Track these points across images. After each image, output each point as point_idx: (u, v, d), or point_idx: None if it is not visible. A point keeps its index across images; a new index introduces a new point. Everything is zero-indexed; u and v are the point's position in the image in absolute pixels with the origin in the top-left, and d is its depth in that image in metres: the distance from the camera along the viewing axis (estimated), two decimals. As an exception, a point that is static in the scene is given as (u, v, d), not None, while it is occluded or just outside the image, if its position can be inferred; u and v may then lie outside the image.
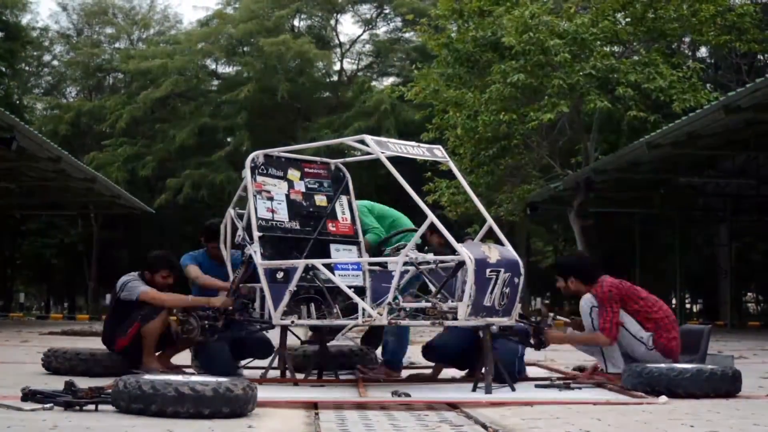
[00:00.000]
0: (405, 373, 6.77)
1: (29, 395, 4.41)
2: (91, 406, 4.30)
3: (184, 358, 6.93)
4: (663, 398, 5.03)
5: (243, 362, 6.89)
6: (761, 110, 13.67)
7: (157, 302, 6.51)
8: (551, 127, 19.79)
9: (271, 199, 6.39)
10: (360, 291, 6.22)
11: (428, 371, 6.74)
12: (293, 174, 6.62)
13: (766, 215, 25.52)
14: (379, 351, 7.00)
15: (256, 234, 6.13)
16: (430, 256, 5.78)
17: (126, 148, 32.61)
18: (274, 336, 6.54)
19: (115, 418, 4.08)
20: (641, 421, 4.26)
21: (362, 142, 6.01)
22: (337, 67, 36.23)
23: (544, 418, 4.34)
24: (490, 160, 20.23)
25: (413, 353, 7.34)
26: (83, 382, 4.70)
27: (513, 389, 5.62)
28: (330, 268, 6.15)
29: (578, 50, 17.83)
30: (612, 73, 17.52)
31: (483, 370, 5.58)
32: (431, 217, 5.61)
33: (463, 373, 6.60)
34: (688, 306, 34.45)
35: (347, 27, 59.41)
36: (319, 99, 35.70)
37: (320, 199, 6.71)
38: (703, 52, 27.15)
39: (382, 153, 5.82)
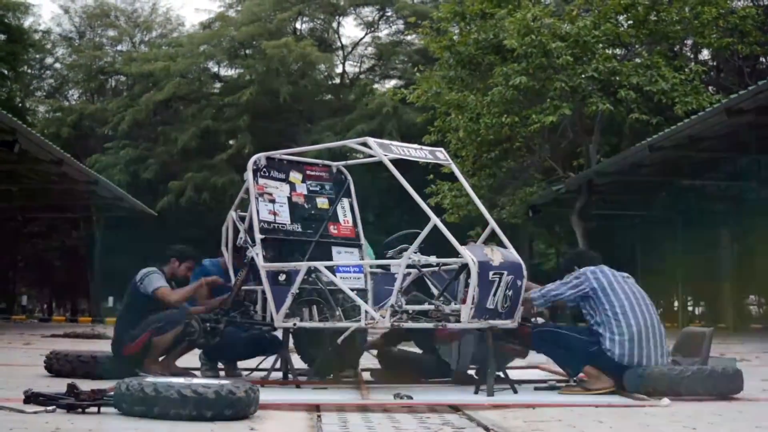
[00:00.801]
0: None
1: (32, 397, 4.41)
2: (94, 409, 4.30)
3: (186, 360, 6.93)
4: (665, 400, 5.03)
5: (241, 363, 6.89)
6: (763, 113, 13.65)
7: (166, 300, 6.47)
8: (553, 130, 19.76)
9: (273, 201, 6.39)
10: (362, 293, 6.23)
11: None
12: (295, 176, 6.63)
13: (768, 218, 25.46)
14: None
15: (258, 236, 6.13)
16: (433, 259, 5.78)
17: (128, 150, 32.59)
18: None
19: (117, 421, 4.08)
20: (643, 424, 4.26)
21: (365, 144, 6.01)
22: (339, 69, 36.22)
23: (545, 420, 4.35)
24: (492, 162, 20.23)
25: None
26: (85, 385, 4.70)
27: (515, 392, 5.63)
28: (332, 270, 6.15)
29: (580, 53, 17.81)
30: (614, 75, 17.51)
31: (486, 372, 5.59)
32: (434, 219, 5.61)
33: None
34: (690, 309, 34.36)
35: (349, 30, 59.41)
36: (321, 102, 35.66)
37: (322, 202, 6.72)
38: (705, 54, 27.08)
39: (385, 155, 5.82)
